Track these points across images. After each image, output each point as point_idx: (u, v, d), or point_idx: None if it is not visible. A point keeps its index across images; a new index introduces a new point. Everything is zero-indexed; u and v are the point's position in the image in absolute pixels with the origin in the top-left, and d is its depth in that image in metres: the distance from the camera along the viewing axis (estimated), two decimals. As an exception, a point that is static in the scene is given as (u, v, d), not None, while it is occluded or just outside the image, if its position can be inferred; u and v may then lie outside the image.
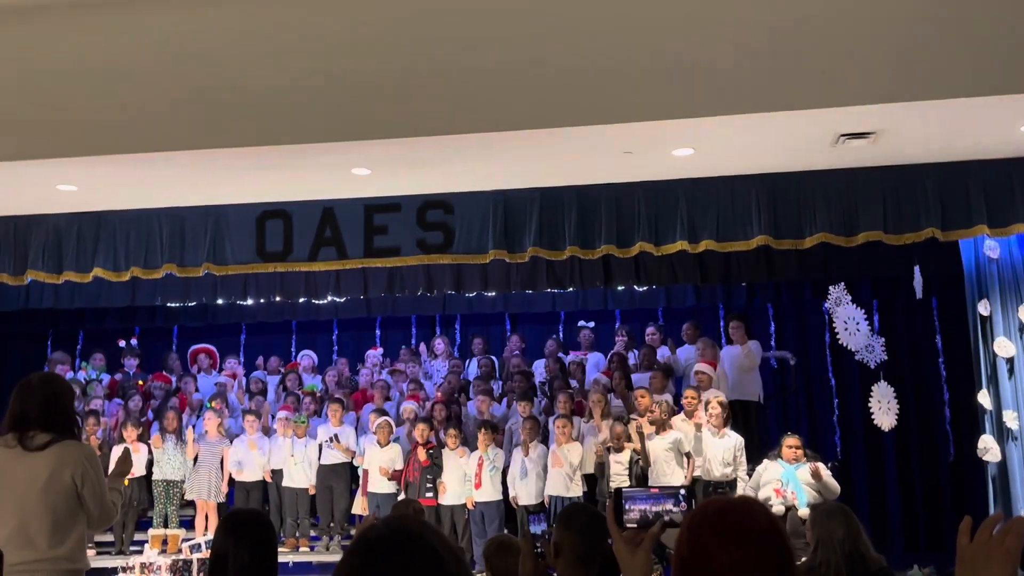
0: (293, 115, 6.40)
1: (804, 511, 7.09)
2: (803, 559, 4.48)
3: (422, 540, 1.45)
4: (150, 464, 9.13)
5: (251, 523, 2.99)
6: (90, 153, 6.67)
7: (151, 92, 6.49)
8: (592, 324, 10.55)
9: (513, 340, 10.63)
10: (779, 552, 1.69)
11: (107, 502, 3.79)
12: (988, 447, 7.68)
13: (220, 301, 10.00)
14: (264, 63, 6.44)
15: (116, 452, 8.91)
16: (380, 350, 11.19)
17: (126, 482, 8.83)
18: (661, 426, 8.10)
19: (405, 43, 6.38)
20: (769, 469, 7.60)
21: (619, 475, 8.06)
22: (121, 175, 7.18)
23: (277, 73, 6.42)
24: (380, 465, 8.72)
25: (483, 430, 8.60)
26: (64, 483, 3.63)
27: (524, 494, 8.37)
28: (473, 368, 10.44)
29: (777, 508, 7.24)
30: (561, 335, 11.16)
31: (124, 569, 7.39)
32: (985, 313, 7.83)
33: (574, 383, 9.56)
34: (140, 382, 10.39)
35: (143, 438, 9.12)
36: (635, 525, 2.03)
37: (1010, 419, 7.54)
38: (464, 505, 8.58)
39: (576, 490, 8.22)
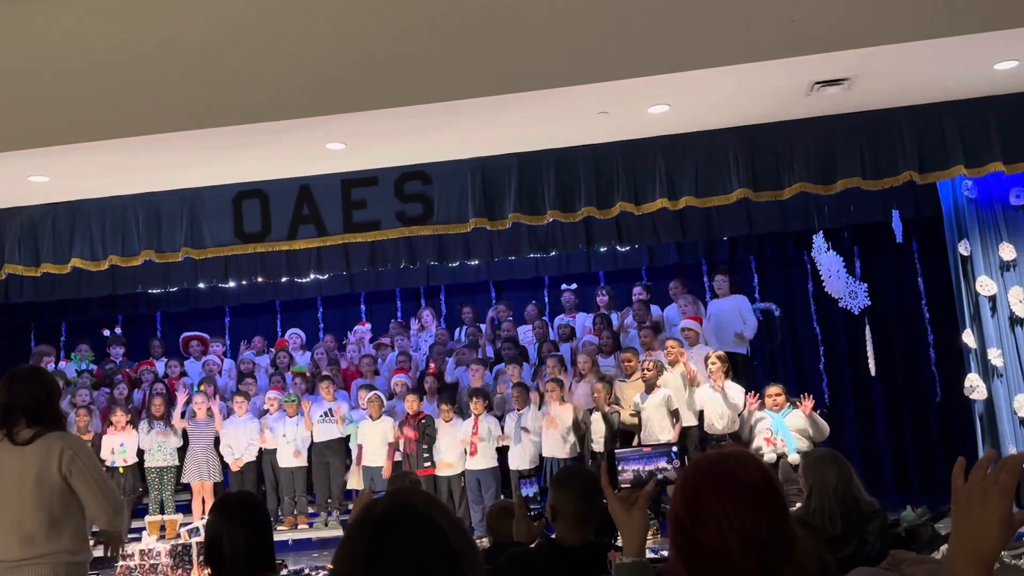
0: (264, 92, 6.32)
1: (794, 457, 7.19)
2: (797, 505, 4.52)
3: (423, 513, 1.44)
4: (142, 452, 9.11)
5: (242, 505, 2.99)
6: (60, 142, 6.58)
7: (118, 78, 6.39)
8: (574, 286, 10.55)
9: (500, 308, 10.63)
10: (773, 504, 1.70)
11: (108, 489, 3.70)
12: (974, 385, 7.77)
13: (201, 285, 9.94)
14: (230, 40, 6.35)
15: (107, 442, 8.91)
16: (367, 325, 11.17)
17: (122, 470, 8.84)
18: (652, 385, 8.14)
19: (372, 13, 6.30)
20: (758, 420, 7.67)
21: (600, 435, 8.12)
22: (92, 163, 7.09)
23: (245, 50, 6.34)
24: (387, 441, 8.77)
25: (475, 398, 8.63)
26: (53, 476, 3.60)
27: (518, 458, 8.43)
28: (461, 338, 10.45)
29: (768, 456, 7.32)
30: (546, 299, 11.17)
31: (123, 557, 7.39)
32: (966, 253, 7.88)
33: (565, 346, 9.59)
34: (127, 370, 10.33)
35: (132, 424, 9.10)
36: (629, 485, 2.04)
37: (994, 356, 7.62)
38: (460, 474, 8.63)
39: (571, 451, 8.27)
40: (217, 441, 9.20)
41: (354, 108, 6.41)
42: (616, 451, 2.06)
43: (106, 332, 11.03)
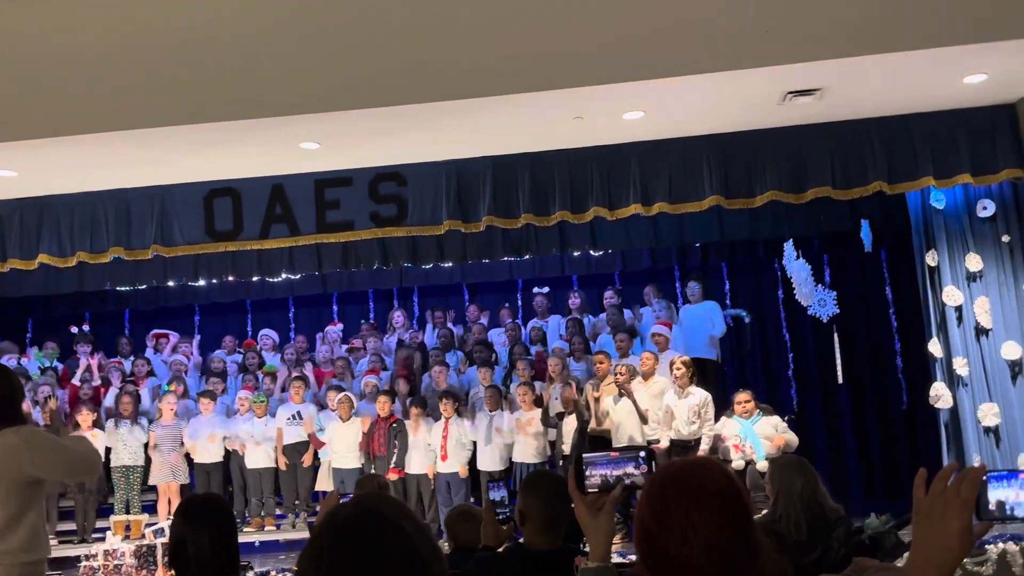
0: (237, 90, 6.28)
1: (763, 464, 7.23)
2: (763, 511, 4.56)
3: (390, 519, 1.44)
4: (108, 451, 8.99)
5: (207, 507, 2.97)
6: (28, 137, 6.50)
7: (89, 73, 6.33)
8: (546, 290, 10.56)
9: (471, 310, 10.63)
10: (738, 511, 1.71)
11: (77, 445, 3.65)
12: (940, 394, 7.86)
13: (171, 283, 9.84)
14: (204, 37, 6.30)
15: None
16: (339, 325, 11.12)
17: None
18: (625, 389, 8.15)
19: (349, 14, 6.27)
20: (727, 426, 7.72)
21: (571, 438, 8.12)
22: (62, 158, 7.00)
23: (218, 48, 6.29)
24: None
25: (444, 400, 8.61)
26: (9, 474, 3.53)
27: (488, 461, 8.42)
28: (432, 339, 10.43)
29: (737, 463, 7.37)
30: (519, 303, 11.18)
31: (87, 557, 7.29)
32: (933, 263, 7.98)
33: (536, 349, 9.60)
34: (92, 365, 10.19)
35: (97, 423, 8.99)
36: (597, 489, 2.04)
37: (960, 366, 7.72)
38: (430, 477, 8.60)
39: (541, 455, 8.28)
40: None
41: (329, 108, 6.38)
42: (584, 455, 2.07)
43: (74, 329, 10.90)
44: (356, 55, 6.25)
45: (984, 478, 1.45)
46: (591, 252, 9.96)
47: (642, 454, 2.10)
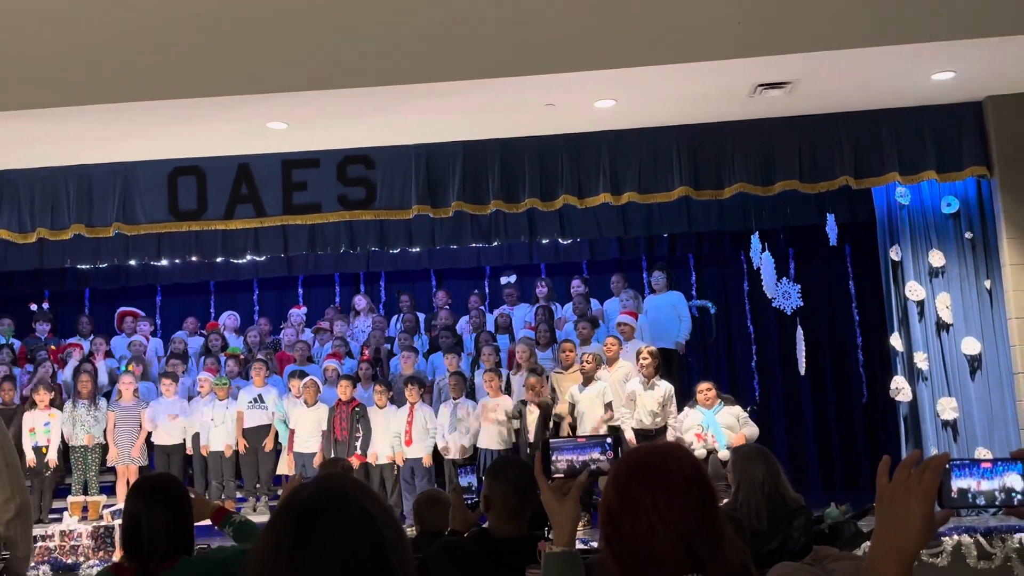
0: (204, 66, 6.18)
1: (724, 453, 7.30)
2: (725, 500, 4.59)
3: (353, 500, 1.41)
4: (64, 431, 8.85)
5: (160, 486, 2.92)
6: (-14, 109, 6.36)
7: (50, 45, 6.19)
8: (513, 278, 10.53)
9: (440, 296, 10.59)
10: (703, 496, 1.72)
11: (16, 478, 3.49)
12: (900, 388, 7.97)
13: (132, 262, 9.67)
14: (170, 12, 6.19)
15: (28, 419, 8.64)
16: (304, 309, 11.02)
17: (44, 450, 8.58)
18: (590, 378, 8.17)
19: (319, -8, 6.20)
20: (689, 416, 7.77)
21: (535, 426, 8.14)
22: (22, 132, 6.86)
23: (185, 23, 6.19)
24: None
25: (410, 385, 8.58)
26: None
27: (453, 448, 8.41)
28: (399, 325, 10.38)
29: (699, 452, 7.42)
30: (487, 290, 11.15)
31: (44, 538, 7.18)
32: (896, 258, 8.07)
33: (503, 337, 9.59)
34: (52, 347, 10.03)
35: (55, 403, 8.84)
36: (562, 475, 2.04)
37: (920, 360, 7.83)
38: (393, 462, 8.57)
39: (506, 443, 8.28)
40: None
41: (297, 87, 6.31)
42: (551, 440, 2.06)
43: (33, 307, 10.70)
44: (326, 35, 6.18)
45: (947, 466, 1.46)
46: (560, 240, 9.96)
47: (608, 440, 2.10)
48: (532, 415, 8.20)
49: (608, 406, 8.09)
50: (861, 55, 6.21)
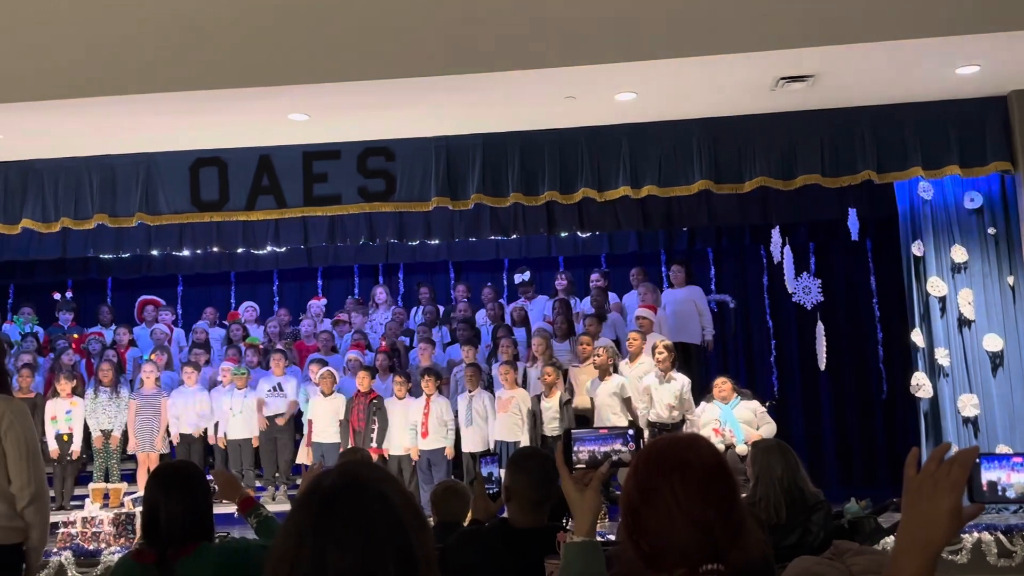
0: (227, 58, 6.21)
1: (742, 448, 7.28)
2: (744, 495, 4.58)
3: (374, 487, 1.42)
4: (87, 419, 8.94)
5: (178, 473, 2.95)
6: (15, 100, 6.42)
7: (77, 36, 6.24)
8: (527, 276, 10.48)
9: (460, 288, 10.61)
10: (723, 487, 1.72)
11: (37, 468, 3.59)
12: (920, 384, 7.92)
13: (155, 252, 9.75)
14: (194, 4, 6.22)
15: (51, 407, 8.74)
16: (323, 300, 11.07)
17: (65, 438, 8.67)
18: (605, 371, 8.17)
19: (341, -16, 6.21)
20: (707, 411, 7.76)
21: (552, 419, 8.14)
22: (48, 122, 6.92)
23: (208, 14, 6.21)
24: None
25: (427, 377, 8.60)
26: None
27: (469, 441, 8.42)
28: (418, 317, 10.41)
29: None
30: (504, 282, 11.16)
31: (65, 524, 7.26)
32: (919, 254, 8.01)
33: (520, 330, 9.59)
34: (75, 336, 10.13)
35: (77, 391, 8.93)
36: (584, 466, 2.04)
37: (942, 356, 7.78)
38: (410, 454, 8.60)
39: (524, 435, 8.28)
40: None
41: (319, 79, 6.33)
42: (572, 431, 2.07)
43: (56, 296, 10.81)
44: (348, 27, 6.19)
45: (976, 460, 1.45)
46: (579, 233, 9.94)
47: (630, 431, 2.10)
48: (552, 408, 8.20)
49: (627, 402, 8.06)
50: (885, 49, 6.15)
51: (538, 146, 7.73)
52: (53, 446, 8.60)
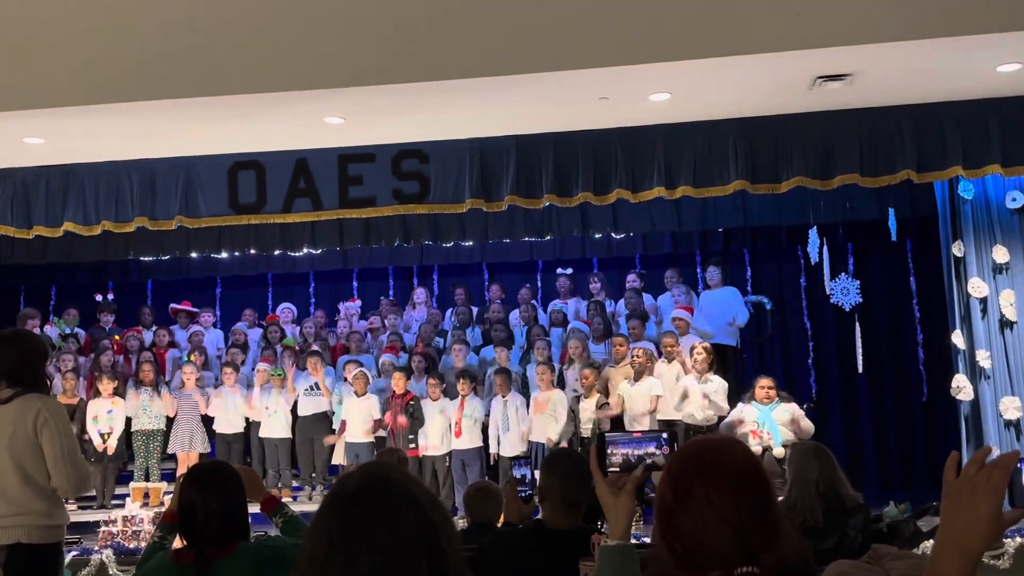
0: (263, 62, 6.28)
1: (780, 450, 7.21)
2: (780, 498, 4.55)
3: (397, 486, 1.43)
4: (128, 419, 9.08)
5: (212, 473, 2.98)
6: (56, 105, 6.52)
7: (116, 41, 6.34)
8: (570, 271, 10.53)
9: (494, 289, 10.63)
10: (757, 490, 1.71)
11: (75, 459, 3.69)
12: (961, 386, 7.80)
13: (194, 254, 9.89)
14: (232, 9, 6.29)
15: (93, 407, 8.89)
16: (358, 302, 11.15)
17: (106, 436, 8.81)
18: (640, 373, 8.14)
19: (376, -13, 6.24)
20: (745, 412, 7.69)
21: (589, 420, 8.13)
22: (88, 127, 7.03)
23: (246, 19, 6.28)
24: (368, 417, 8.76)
25: (462, 379, 8.62)
26: (28, 436, 3.59)
27: (507, 446, 8.40)
28: (452, 318, 10.44)
29: (754, 449, 7.34)
30: (539, 284, 11.16)
31: (106, 523, 7.39)
32: (959, 254, 7.89)
33: (556, 331, 9.58)
34: (116, 337, 10.29)
35: (119, 392, 9.08)
36: (618, 469, 2.04)
37: (983, 358, 7.65)
38: (445, 454, 8.63)
39: (559, 436, 8.26)
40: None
41: (354, 83, 6.36)
42: (607, 435, 2.07)
43: (98, 297, 10.99)
44: (382, 31, 6.23)
45: (1018, 464, 1.43)
46: (613, 234, 9.91)
47: (664, 435, 2.10)
48: (588, 410, 8.19)
49: (658, 398, 8.04)
50: (924, 46, 6.06)
51: (572, 147, 7.72)
52: (98, 441, 8.75)
